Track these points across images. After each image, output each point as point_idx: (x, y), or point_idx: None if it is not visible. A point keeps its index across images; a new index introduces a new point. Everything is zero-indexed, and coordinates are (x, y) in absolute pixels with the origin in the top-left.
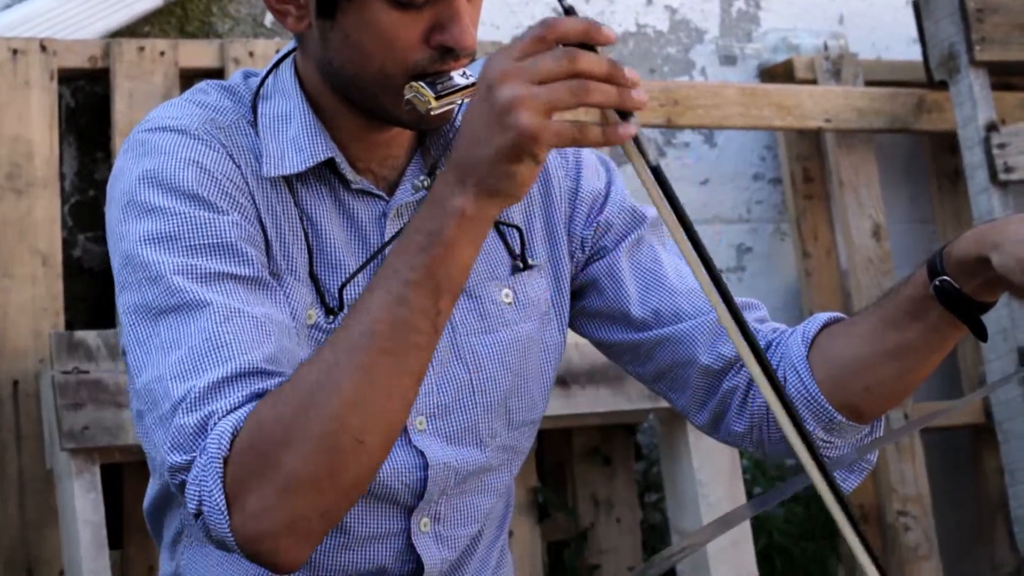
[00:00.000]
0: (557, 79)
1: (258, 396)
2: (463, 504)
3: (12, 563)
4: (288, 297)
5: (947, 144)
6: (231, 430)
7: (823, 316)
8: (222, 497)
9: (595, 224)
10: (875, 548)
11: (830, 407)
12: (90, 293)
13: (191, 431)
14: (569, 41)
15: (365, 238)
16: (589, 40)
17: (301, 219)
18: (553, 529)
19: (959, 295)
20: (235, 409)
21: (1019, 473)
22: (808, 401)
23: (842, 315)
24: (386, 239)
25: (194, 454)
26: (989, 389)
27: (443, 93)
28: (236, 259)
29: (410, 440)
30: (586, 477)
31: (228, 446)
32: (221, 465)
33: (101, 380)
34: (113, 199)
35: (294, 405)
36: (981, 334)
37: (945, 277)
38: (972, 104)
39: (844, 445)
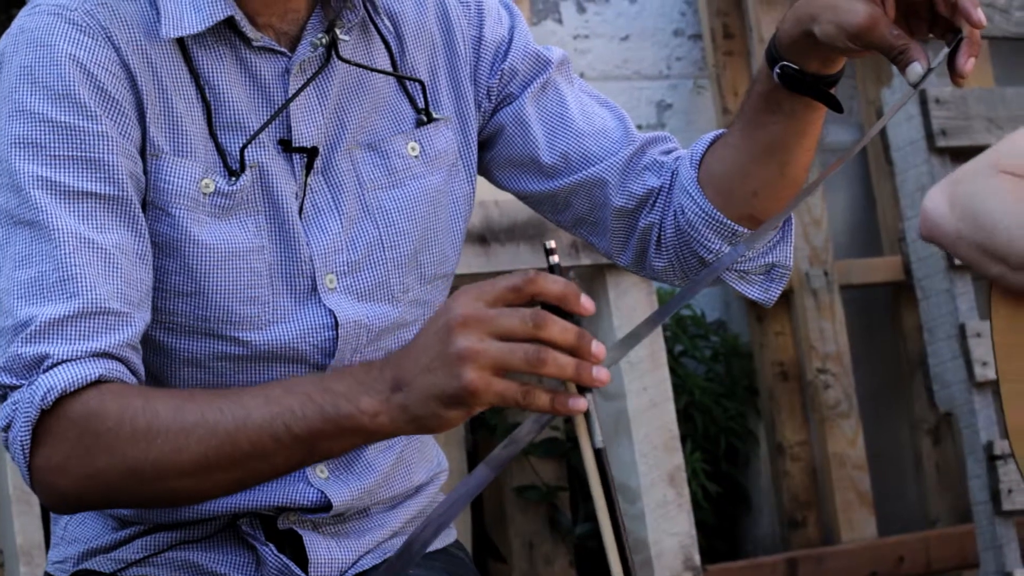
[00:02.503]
0: (518, 339)
1: (101, 354)
2: None
3: None
4: (172, 176)
5: None
6: (60, 389)
7: (709, 136)
8: (28, 438)
9: (500, 72)
10: (795, 405)
11: (728, 220)
12: None
13: (24, 363)
14: (545, 299)
15: (268, 96)
16: (565, 306)
17: (198, 84)
18: None
19: (802, 76)
20: (71, 360)
21: (938, 331)
22: (706, 220)
23: (724, 130)
24: (289, 95)
25: (21, 383)
26: (885, 119)
27: None
28: (99, 175)
29: (319, 299)
30: None
31: (52, 402)
32: (37, 414)
33: None
34: None
35: (133, 429)
36: (835, 106)
37: (784, 62)
38: None
39: (756, 255)
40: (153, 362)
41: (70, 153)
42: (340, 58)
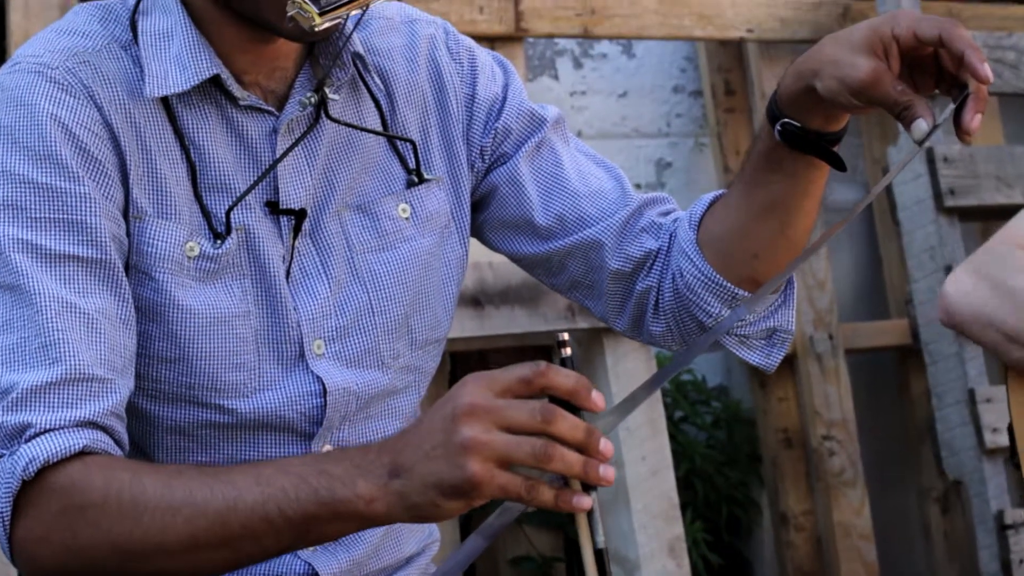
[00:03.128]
0: (525, 432)
1: (86, 423)
2: (368, 430)
3: None
4: (155, 239)
5: None
6: (43, 459)
7: (708, 196)
8: (9, 509)
9: (493, 131)
10: (799, 473)
11: (728, 284)
12: None
13: (6, 432)
14: (555, 393)
15: (256, 156)
16: (575, 402)
17: (182, 144)
18: None
19: (804, 133)
20: (54, 429)
21: (947, 396)
22: (706, 283)
23: (724, 190)
24: (277, 156)
25: (3, 452)
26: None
27: (327, 8)
28: (81, 237)
29: (307, 366)
30: None
31: (34, 473)
32: (19, 485)
33: None
34: None
35: (119, 505)
36: (838, 165)
37: (785, 120)
38: None
39: (757, 319)
40: (136, 430)
41: (52, 215)
42: (329, 117)
